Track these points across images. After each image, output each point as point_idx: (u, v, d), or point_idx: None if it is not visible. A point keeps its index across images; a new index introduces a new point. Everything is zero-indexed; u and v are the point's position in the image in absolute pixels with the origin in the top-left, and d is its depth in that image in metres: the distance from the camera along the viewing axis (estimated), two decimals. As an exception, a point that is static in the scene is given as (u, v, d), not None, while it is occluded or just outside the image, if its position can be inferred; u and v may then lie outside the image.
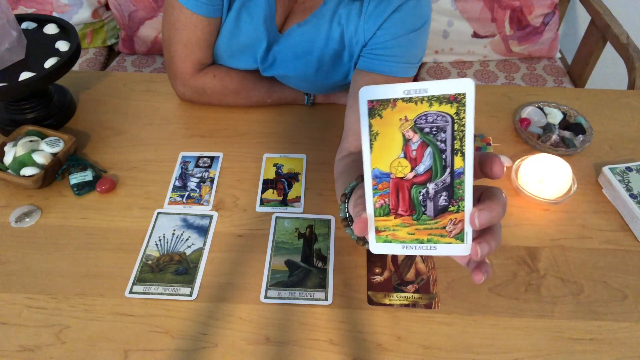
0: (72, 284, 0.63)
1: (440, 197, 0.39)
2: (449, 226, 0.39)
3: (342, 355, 0.57)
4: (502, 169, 0.38)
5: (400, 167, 0.39)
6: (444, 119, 0.37)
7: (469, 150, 0.37)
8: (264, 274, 0.64)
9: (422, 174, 0.39)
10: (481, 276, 0.40)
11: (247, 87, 0.85)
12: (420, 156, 0.38)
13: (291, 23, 0.77)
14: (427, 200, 0.39)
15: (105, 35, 1.58)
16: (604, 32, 1.35)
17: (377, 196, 0.40)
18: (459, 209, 0.38)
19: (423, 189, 0.39)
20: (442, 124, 0.37)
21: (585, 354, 0.57)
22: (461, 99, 0.36)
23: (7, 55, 0.76)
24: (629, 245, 0.69)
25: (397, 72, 0.73)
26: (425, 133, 0.37)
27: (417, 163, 0.38)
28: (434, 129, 0.37)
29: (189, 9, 0.73)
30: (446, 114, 0.36)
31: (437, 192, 0.39)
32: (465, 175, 0.37)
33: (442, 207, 0.39)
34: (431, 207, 0.39)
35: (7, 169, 0.73)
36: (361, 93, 0.37)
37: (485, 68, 1.53)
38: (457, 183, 0.38)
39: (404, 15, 0.70)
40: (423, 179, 0.39)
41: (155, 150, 0.81)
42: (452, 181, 0.38)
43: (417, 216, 0.39)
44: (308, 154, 0.81)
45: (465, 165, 0.37)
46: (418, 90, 0.36)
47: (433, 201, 0.39)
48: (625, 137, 0.85)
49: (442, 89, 0.36)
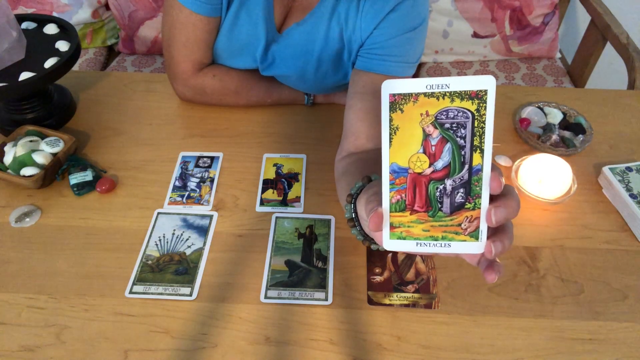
0: (72, 284, 0.63)
1: (457, 194, 0.38)
2: (465, 223, 0.38)
3: (342, 355, 0.57)
4: (499, 186, 0.37)
5: (419, 162, 0.39)
6: (465, 115, 0.37)
7: (488, 147, 0.37)
8: (264, 274, 0.64)
9: (440, 169, 0.38)
10: (494, 275, 0.39)
11: (247, 86, 0.85)
12: (440, 152, 0.38)
13: (290, 22, 0.77)
14: (443, 196, 0.39)
15: (105, 35, 1.58)
16: (604, 32, 1.35)
17: (393, 191, 0.39)
18: (475, 206, 0.38)
19: (440, 185, 0.39)
20: (463, 120, 0.37)
21: (585, 354, 0.57)
22: (482, 96, 0.36)
23: (7, 55, 0.76)
24: (629, 245, 0.69)
25: (396, 72, 0.73)
26: (446, 129, 0.37)
27: (435, 159, 0.38)
28: (454, 125, 0.37)
29: (188, 9, 0.73)
30: (467, 110, 0.36)
31: (454, 189, 0.38)
32: (484, 172, 0.37)
33: (459, 204, 0.38)
34: (447, 204, 0.39)
35: (7, 169, 0.73)
36: (384, 86, 0.37)
37: (485, 68, 1.53)
38: (474, 180, 0.38)
39: (401, 15, 0.70)
40: (441, 175, 0.38)
41: (155, 150, 0.81)
42: (470, 178, 0.38)
43: (433, 212, 0.39)
44: (308, 154, 0.81)
45: (483, 162, 0.37)
46: (440, 85, 0.36)
47: (450, 197, 0.38)
48: (625, 137, 0.85)
49: (464, 84, 0.36)
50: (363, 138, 0.69)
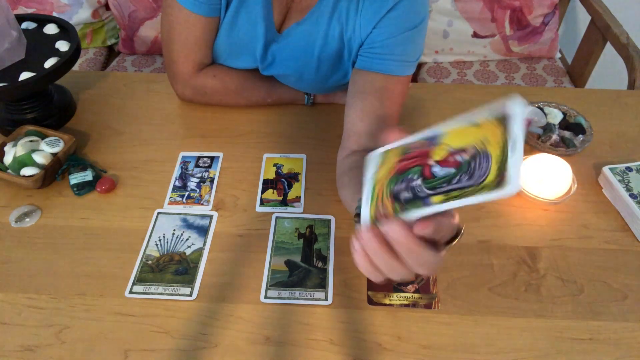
0: (72, 284, 0.63)
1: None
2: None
3: (342, 355, 0.57)
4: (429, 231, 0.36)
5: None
6: (481, 170, 0.35)
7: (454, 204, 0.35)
8: (264, 274, 0.64)
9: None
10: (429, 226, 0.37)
11: (247, 86, 0.85)
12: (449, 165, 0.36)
13: (290, 22, 0.77)
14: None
15: (105, 35, 1.58)
16: (604, 32, 1.35)
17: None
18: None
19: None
20: (478, 171, 0.35)
21: (585, 354, 0.57)
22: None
23: (7, 55, 0.76)
24: (629, 245, 0.69)
25: (396, 71, 0.72)
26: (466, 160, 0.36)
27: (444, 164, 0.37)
28: (472, 165, 0.35)
29: (187, 9, 0.73)
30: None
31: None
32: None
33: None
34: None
35: (7, 169, 0.73)
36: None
37: (485, 68, 1.53)
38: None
39: (401, 14, 0.70)
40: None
41: (155, 150, 0.81)
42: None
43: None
44: (308, 154, 0.81)
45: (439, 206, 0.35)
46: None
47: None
48: (625, 137, 0.85)
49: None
50: (364, 137, 0.69)
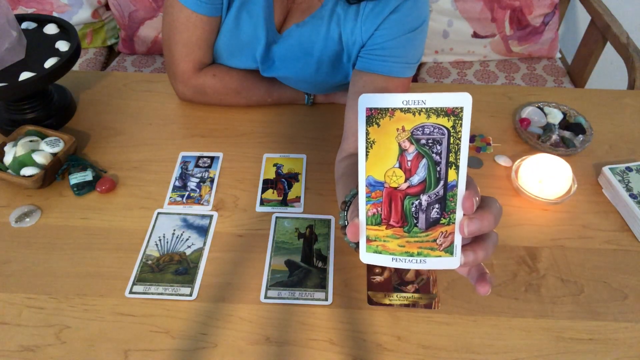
0: (72, 284, 0.63)
1: (433, 210, 0.39)
2: (440, 239, 0.39)
3: (342, 355, 0.57)
4: (472, 206, 0.37)
5: (395, 176, 0.39)
6: (441, 131, 0.37)
7: (463, 163, 0.37)
8: (264, 274, 0.64)
9: (416, 185, 0.39)
10: (487, 287, 0.39)
11: (248, 86, 0.85)
12: (415, 167, 0.38)
13: (290, 23, 0.77)
14: (419, 212, 0.39)
15: (105, 35, 1.58)
16: (604, 32, 1.35)
17: (370, 204, 0.40)
18: (450, 221, 0.38)
19: (416, 201, 0.39)
20: (439, 137, 0.37)
21: (585, 354, 0.57)
22: (458, 113, 0.36)
23: (7, 55, 0.76)
24: (629, 245, 0.69)
25: (396, 72, 0.73)
26: (422, 145, 0.37)
27: (411, 174, 0.38)
28: (430, 141, 0.37)
29: (189, 8, 0.73)
30: (443, 126, 0.37)
31: (429, 204, 0.39)
32: (458, 188, 0.38)
33: (434, 220, 0.39)
34: (423, 219, 0.39)
35: (7, 169, 0.73)
36: (360, 100, 0.37)
37: (485, 68, 1.53)
38: (449, 195, 0.38)
39: (402, 16, 0.70)
40: (417, 190, 0.39)
41: (155, 150, 0.81)
42: (445, 194, 0.38)
43: (409, 228, 0.39)
44: (308, 154, 0.81)
45: (458, 178, 0.37)
46: (416, 101, 0.36)
47: (425, 213, 0.39)
48: (625, 137, 0.85)
49: (440, 101, 0.36)
50: None
